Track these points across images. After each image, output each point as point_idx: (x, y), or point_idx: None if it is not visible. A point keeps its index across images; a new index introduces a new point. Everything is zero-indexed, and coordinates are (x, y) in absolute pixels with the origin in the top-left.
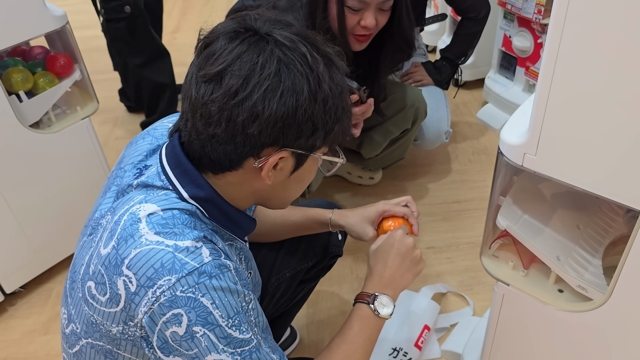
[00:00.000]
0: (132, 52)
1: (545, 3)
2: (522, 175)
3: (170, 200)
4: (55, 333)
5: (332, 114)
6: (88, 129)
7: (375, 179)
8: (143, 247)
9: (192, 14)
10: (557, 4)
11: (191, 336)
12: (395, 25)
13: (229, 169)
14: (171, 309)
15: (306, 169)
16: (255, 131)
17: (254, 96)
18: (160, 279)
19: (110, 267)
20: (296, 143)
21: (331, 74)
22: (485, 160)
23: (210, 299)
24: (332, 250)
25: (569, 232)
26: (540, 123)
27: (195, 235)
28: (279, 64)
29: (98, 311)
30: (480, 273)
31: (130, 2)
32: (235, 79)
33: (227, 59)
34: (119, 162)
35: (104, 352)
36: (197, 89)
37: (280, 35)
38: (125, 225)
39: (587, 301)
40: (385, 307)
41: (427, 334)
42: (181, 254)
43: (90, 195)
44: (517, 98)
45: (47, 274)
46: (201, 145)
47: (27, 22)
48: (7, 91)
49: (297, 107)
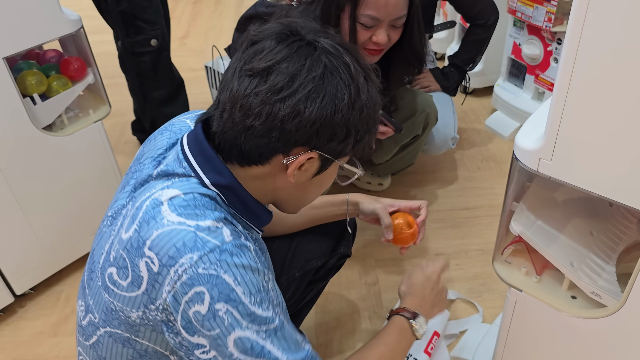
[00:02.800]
0: (153, 87)
1: (556, 11)
2: (536, 181)
3: (191, 185)
4: (64, 335)
5: (365, 124)
6: (100, 132)
7: (384, 185)
8: (165, 228)
9: (201, 19)
10: (575, 8)
11: (213, 314)
12: (406, 41)
13: (257, 162)
14: (193, 287)
15: (328, 174)
16: (293, 128)
17: (297, 95)
18: (182, 257)
19: (132, 250)
20: (327, 146)
21: (369, 87)
22: (494, 167)
23: (232, 275)
24: (341, 250)
25: (582, 238)
26: (557, 128)
27: (216, 216)
28: (324, 69)
29: (118, 297)
30: (489, 280)
31: (157, 36)
32: (282, 76)
33: (276, 58)
34: (138, 158)
35: (122, 341)
36: (240, 81)
37: (326, 43)
38: (147, 209)
39: (600, 308)
40: (421, 327)
41: (436, 341)
42: (203, 233)
43: (101, 198)
44: (526, 106)
45: (57, 276)
46: (235, 136)
47: (43, 26)
48: (21, 94)
49: (335, 111)
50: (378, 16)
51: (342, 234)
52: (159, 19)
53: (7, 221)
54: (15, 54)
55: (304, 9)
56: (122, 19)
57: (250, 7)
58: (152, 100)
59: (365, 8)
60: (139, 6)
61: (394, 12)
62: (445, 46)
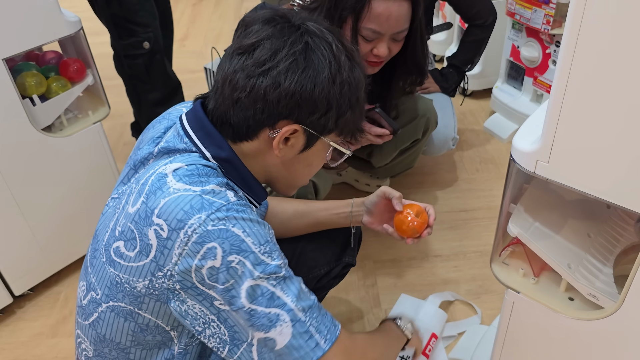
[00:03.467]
0: (147, 90)
1: (554, 14)
2: (534, 183)
3: (193, 158)
4: (63, 336)
5: (347, 100)
6: (99, 133)
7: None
8: (172, 195)
9: (201, 21)
10: (571, 11)
11: (227, 267)
12: (408, 53)
13: (247, 137)
14: (205, 244)
15: (315, 152)
16: (274, 99)
17: (278, 67)
18: (191, 218)
19: (140, 220)
20: (309, 120)
21: (351, 66)
22: (493, 169)
23: (240, 227)
24: (346, 259)
25: (579, 240)
26: (554, 130)
27: (219, 181)
28: (306, 45)
29: (125, 268)
30: (487, 282)
31: (149, 38)
32: (265, 51)
33: (261, 35)
34: (137, 146)
35: (124, 314)
36: (232, 61)
37: (312, 26)
38: (152, 182)
39: (598, 309)
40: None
41: (434, 342)
42: (208, 195)
43: (100, 199)
44: (524, 108)
45: (56, 277)
46: (225, 110)
47: (42, 27)
48: (20, 95)
49: (315, 84)
50: (380, 30)
51: (346, 242)
52: (151, 21)
53: (6, 222)
54: (14, 55)
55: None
56: (113, 22)
57: (251, 10)
58: (146, 102)
59: (367, 22)
60: (130, 9)
61: (395, 27)
62: (444, 48)
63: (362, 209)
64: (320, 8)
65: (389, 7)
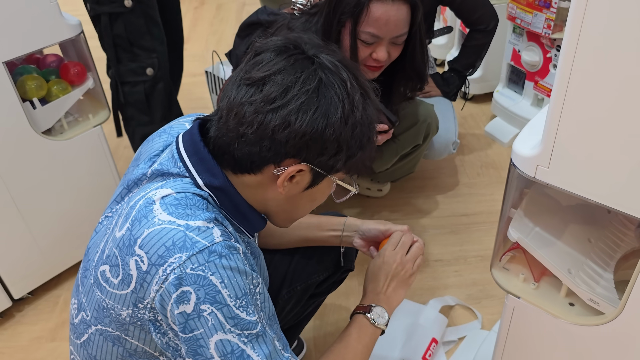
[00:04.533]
0: (144, 122)
1: (555, 18)
2: (534, 188)
3: (184, 185)
4: (62, 340)
5: (358, 141)
6: (99, 136)
7: (384, 191)
8: (155, 227)
9: (202, 25)
10: (571, 16)
11: (198, 315)
12: (408, 58)
13: (249, 171)
14: (180, 286)
15: (320, 189)
16: (283, 139)
17: (289, 106)
18: (171, 256)
19: (123, 248)
20: (317, 160)
21: (365, 104)
22: (494, 173)
23: (219, 277)
24: (344, 265)
25: (580, 245)
26: (554, 135)
27: (206, 217)
28: (319, 83)
29: (110, 294)
30: (488, 286)
31: (154, 64)
32: (276, 87)
33: (273, 69)
34: (136, 159)
35: (112, 339)
36: (238, 90)
37: (326, 59)
38: (140, 208)
39: (598, 315)
40: (380, 317)
41: (434, 347)
42: (192, 233)
43: (100, 202)
44: (525, 112)
45: (55, 280)
46: (228, 142)
47: (43, 30)
48: (21, 98)
49: (326, 125)
50: (379, 34)
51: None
52: (158, 45)
53: (6, 225)
54: (15, 59)
55: (306, 20)
56: (114, 44)
57: (252, 13)
58: (140, 136)
59: (366, 25)
60: (136, 31)
61: (394, 31)
62: (445, 52)
63: (354, 234)
64: (320, 13)
65: (388, 10)
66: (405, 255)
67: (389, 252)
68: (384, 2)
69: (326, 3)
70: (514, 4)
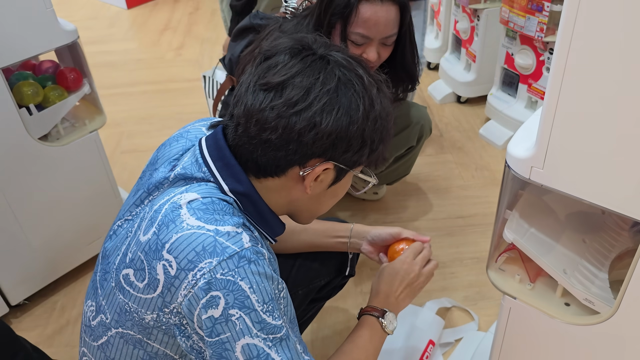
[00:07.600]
0: None
1: (548, 21)
2: (529, 189)
3: (209, 190)
4: (60, 346)
5: (379, 134)
6: (96, 142)
7: (379, 194)
8: (185, 232)
9: (197, 30)
10: (564, 18)
11: (226, 319)
12: (398, 58)
13: (273, 174)
14: (210, 291)
15: (342, 184)
16: (310, 140)
17: (313, 108)
18: (202, 261)
19: (150, 252)
20: (342, 157)
21: (381, 98)
22: (488, 176)
23: (248, 283)
24: (346, 271)
25: (575, 245)
26: (548, 136)
27: (235, 222)
28: (338, 81)
29: (134, 298)
30: (484, 288)
31: None
32: (297, 90)
33: (290, 72)
34: (152, 162)
35: (133, 342)
36: (255, 96)
37: (339, 56)
38: (166, 212)
39: (594, 314)
40: (391, 323)
41: (431, 349)
42: (222, 238)
43: (97, 208)
44: (519, 115)
45: (52, 286)
46: (251, 149)
47: (39, 37)
48: (17, 104)
49: (350, 122)
50: (368, 34)
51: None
52: None
53: (2, 231)
54: (11, 65)
55: (297, 22)
56: None
57: (245, 18)
58: None
59: (355, 26)
60: None
61: (384, 31)
62: (439, 56)
63: (362, 240)
64: (311, 15)
65: (377, 11)
66: (422, 268)
67: (410, 260)
68: (373, 3)
69: (317, 5)
70: (507, 8)
